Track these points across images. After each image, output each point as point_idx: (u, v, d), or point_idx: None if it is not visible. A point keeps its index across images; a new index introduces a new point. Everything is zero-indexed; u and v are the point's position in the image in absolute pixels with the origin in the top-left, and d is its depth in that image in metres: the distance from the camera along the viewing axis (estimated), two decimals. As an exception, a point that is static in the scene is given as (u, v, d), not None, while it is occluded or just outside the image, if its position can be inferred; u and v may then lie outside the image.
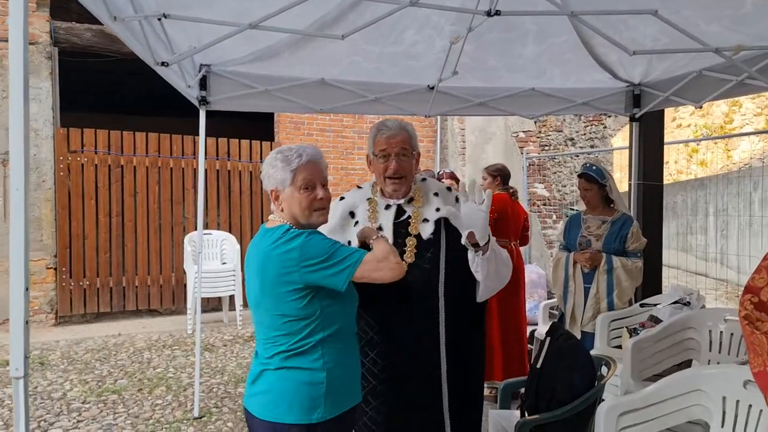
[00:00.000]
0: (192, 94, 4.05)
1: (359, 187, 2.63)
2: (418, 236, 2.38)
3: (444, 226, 2.42)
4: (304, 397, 1.95)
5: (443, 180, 5.31)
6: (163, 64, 3.00)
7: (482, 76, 4.50)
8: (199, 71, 4.17)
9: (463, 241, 2.21)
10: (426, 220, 2.39)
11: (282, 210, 2.04)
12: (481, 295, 2.38)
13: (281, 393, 1.96)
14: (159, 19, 2.90)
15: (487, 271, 2.29)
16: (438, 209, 2.42)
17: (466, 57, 4.07)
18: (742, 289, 2.08)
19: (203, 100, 4.30)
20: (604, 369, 2.84)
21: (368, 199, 2.51)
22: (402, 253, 2.35)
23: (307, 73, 4.37)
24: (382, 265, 1.96)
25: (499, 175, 4.88)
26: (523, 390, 2.94)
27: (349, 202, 2.55)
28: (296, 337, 1.95)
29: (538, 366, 2.78)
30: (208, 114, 4.59)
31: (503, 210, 4.64)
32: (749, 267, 8.47)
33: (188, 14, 3.00)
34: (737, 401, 2.27)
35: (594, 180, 4.06)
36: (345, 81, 4.46)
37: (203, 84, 4.29)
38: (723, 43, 3.35)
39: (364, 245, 2.24)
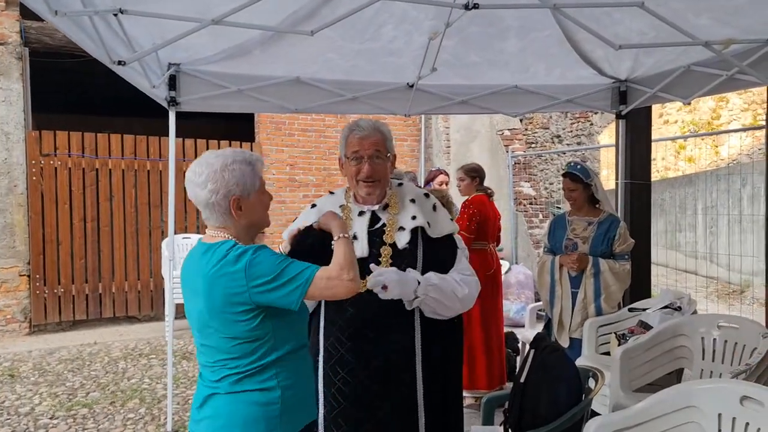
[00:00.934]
0: (158, 94, 3.85)
1: (332, 193, 2.47)
2: (394, 245, 2.23)
3: (421, 235, 2.27)
4: (259, 419, 1.82)
5: (437, 179, 5.18)
6: (120, 63, 2.81)
7: (463, 73, 4.34)
8: (167, 70, 3.98)
9: None
10: (402, 229, 2.23)
11: (237, 219, 1.86)
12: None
13: (232, 417, 1.82)
14: (115, 15, 2.71)
15: (426, 311, 2.21)
16: (414, 217, 2.26)
17: (446, 53, 3.91)
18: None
19: (172, 101, 4.10)
20: (591, 382, 2.69)
21: (341, 205, 2.35)
22: (377, 263, 2.19)
23: (281, 71, 4.19)
24: (334, 284, 1.80)
25: (477, 175, 4.73)
26: (507, 404, 2.79)
27: (321, 210, 2.39)
28: (249, 359, 1.81)
29: (522, 380, 2.62)
30: (188, 115, 4.39)
31: (484, 212, 4.49)
32: (739, 264, 8.40)
33: (147, 9, 2.81)
34: (734, 419, 2.12)
35: (579, 179, 3.91)
36: (321, 79, 4.28)
37: (172, 84, 4.09)
38: (713, 36, 3.20)
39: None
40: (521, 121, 9.75)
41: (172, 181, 4.20)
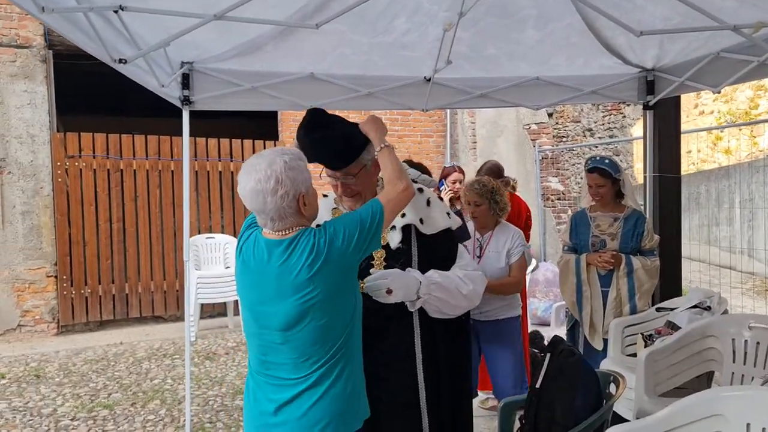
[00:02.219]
0: (169, 93, 3.80)
1: (325, 196, 2.38)
2: (387, 246, 2.13)
3: (414, 232, 2.17)
4: (350, 406, 1.86)
5: (450, 177, 5.04)
6: (121, 61, 2.76)
7: (482, 66, 4.20)
8: (180, 69, 3.94)
9: None
10: (393, 228, 2.12)
11: (304, 216, 1.84)
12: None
13: (322, 413, 1.81)
14: (115, 12, 2.65)
15: (431, 311, 2.12)
16: (404, 215, 2.16)
17: (462, 45, 3.79)
18: None
19: (186, 100, 4.06)
20: (612, 387, 2.55)
21: (334, 208, 2.27)
22: (369, 267, 2.10)
23: (294, 67, 4.11)
24: (396, 201, 1.91)
25: (488, 172, 4.58)
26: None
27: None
28: (339, 341, 1.82)
29: (537, 386, 2.50)
30: (211, 114, 4.35)
31: None
32: (778, 259, 8.06)
33: (149, 5, 2.75)
34: (763, 429, 1.97)
35: (608, 174, 3.73)
36: (335, 75, 4.18)
37: (186, 83, 4.05)
38: (741, 20, 3.02)
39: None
40: (551, 115, 9.53)
41: (187, 181, 4.17)
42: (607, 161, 3.78)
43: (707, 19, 2.90)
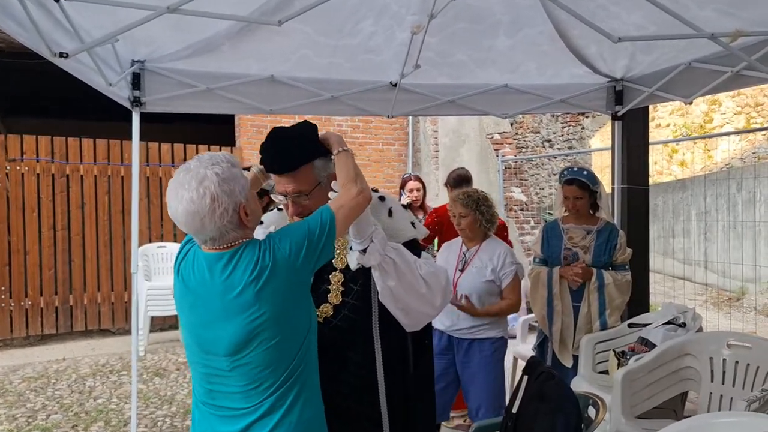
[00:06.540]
0: (118, 93, 3.54)
1: (279, 209, 2.17)
2: (346, 269, 1.93)
3: None
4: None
5: (407, 185, 4.93)
6: (62, 55, 2.50)
7: (450, 72, 4.06)
8: (131, 67, 3.68)
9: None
10: (351, 248, 1.90)
11: (248, 226, 1.66)
12: (408, 324, 1.93)
13: None
14: (56, 1, 2.41)
15: (383, 291, 1.85)
16: None
17: (431, 51, 3.65)
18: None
19: (136, 101, 3.79)
20: (591, 410, 2.41)
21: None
22: (326, 293, 1.90)
23: (254, 69, 3.89)
24: (350, 206, 1.73)
25: (446, 182, 4.58)
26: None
27: (267, 226, 2.10)
28: (292, 364, 1.64)
29: (514, 410, 2.34)
30: (165, 117, 4.08)
31: (448, 219, 3.90)
32: (734, 271, 8.18)
33: (94, -5, 2.51)
34: (756, 459, 1.85)
35: (586, 187, 3.62)
36: (296, 78, 3.98)
37: (136, 83, 3.79)
38: (718, 29, 2.94)
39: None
40: (512, 125, 9.50)
41: (136, 187, 3.90)
42: (585, 173, 3.66)
43: (684, 28, 2.81)
